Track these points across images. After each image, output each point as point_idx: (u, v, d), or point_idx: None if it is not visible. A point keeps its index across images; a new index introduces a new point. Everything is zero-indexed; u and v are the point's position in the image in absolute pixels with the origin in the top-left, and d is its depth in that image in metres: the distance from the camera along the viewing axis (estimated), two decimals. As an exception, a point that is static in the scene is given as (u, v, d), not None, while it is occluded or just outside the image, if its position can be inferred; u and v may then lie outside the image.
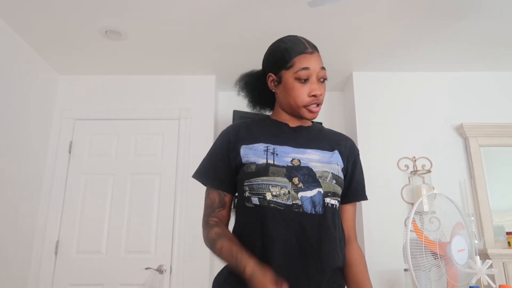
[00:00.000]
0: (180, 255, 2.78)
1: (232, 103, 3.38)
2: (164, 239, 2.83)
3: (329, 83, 3.33)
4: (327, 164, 1.12)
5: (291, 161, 1.10)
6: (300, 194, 1.06)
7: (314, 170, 1.09)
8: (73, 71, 3.14)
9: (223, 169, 1.16)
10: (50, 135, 3.03)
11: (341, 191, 1.14)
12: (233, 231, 1.14)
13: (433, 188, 2.81)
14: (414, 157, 2.94)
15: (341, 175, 1.15)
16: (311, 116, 1.16)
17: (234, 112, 3.08)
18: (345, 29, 2.60)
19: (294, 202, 1.05)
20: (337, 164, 1.15)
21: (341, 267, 1.13)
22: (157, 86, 3.19)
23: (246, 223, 1.11)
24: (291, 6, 2.36)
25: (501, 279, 2.42)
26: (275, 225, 1.04)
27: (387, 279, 2.67)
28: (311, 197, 1.06)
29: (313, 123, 1.27)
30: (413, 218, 1.64)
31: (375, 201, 2.82)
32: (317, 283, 1.03)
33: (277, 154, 1.11)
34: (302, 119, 1.19)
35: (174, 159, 3.00)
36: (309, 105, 1.13)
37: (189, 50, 2.85)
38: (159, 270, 2.75)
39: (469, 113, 3.04)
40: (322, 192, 1.08)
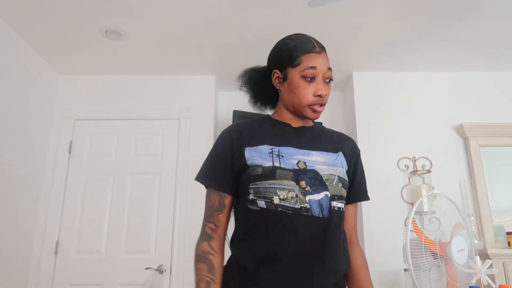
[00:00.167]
0: (180, 255, 2.78)
1: (232, 103, 3.38)
2: (164, 239, 2.83)
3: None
4: (333, 166, 1.11)
5: (297, 163, 1.08)
6: (308, 197, 1.04)
7: (320, 173, 1.08)
8: (73, 71, 3.14)
9: (226, 170, 1.13)
10: (50, 135, 3.03)
11: (346, 193, 1.13)
12: (233, 234, 1.12)
13: (433, 188, 2.81)
14: (414, 157, 2.94)
15: (346, 178, 1.15)
16: (314, 116, 1.14)
17: (234, 112, 3.08)
18: (345, 29, 2.61)
19: (302, 205, 1.04)
20: (342, 166, 1.14)
21: (345, 271, 1.11)
22: (157, 86, 3.19)
23: (249, 226, 1.09)
24: (291, 6, 2.36)
25: (501, 279, 2.42)
26: (281, 228, 1.03)
27: (387, 279, 2.67)
28: (319, 201, 1.05)
29: (314, 123, 1.26)
30: (413, 218, 1.64)
31: (375, 201, 2.82)
32: (320, 286, 1.02)
33: (282, 156, 1.09)
34: (304, 118, 1.18)
35: (174, 159, 3.00)
36: (313, 105, 1.12)
37: (189, 50, 2.85)
38: (159, 270, 2.75)
39: (469, 113, 3.04)
40: (329, 195, 1.07)
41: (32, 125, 2.81)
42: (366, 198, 1.24)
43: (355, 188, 1.21)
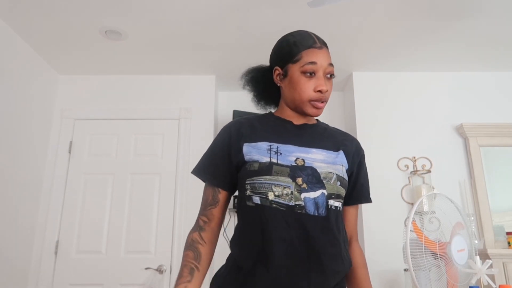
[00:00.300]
0: (180, 255, 2.78)
1: (232, 103, 3.38)
2: (164, 239, 2.83)
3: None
4: (332, 164, 1.09)
5: (295, 160, 1.07)
6: (303, 195, 1.03)
7: (318, 170, 1.06)
8: (73, 71, 3.14)
9: (222, 166, 1.13)
10: (50, 135, 3.03)
11: (344, 192, 1.11)
12: (235, 230, 1.13)
13: (433, 188, 2.81)
14: (414, 157, 2.94)
15: (346, 177, 1.12)
16: (315, 112, 1.13)
17: (234, 112, 3.08)
18: (345, 29, 2.60)
19: (296, 203, 1.02)
20: (342, 165, 1.12)
21: (347, 271, 1.10)
22: (157, 86, 3.19)
23: (246, 222, 1.09)
24: (291, 6, 2.36)
25: (501, 279, 2.42)
26: (276, 225, 1.01)
27: (387, 279, 2.67)
28: (314, 199, 1.03)
29: (318, 121, 1.25)
30: (413, 218, 1.63)
31: (375, 201, 2.81)
32: (318, 286, 1.01)
33: (280, 153, 1.08)
34: (306, 115, 1.16)
35: (174, 159, 3.00)
36: (313, 100, 1.10)
37: (189, 50, 2.85)
38: (159, 270, 2.75)
39: (469, 113, 3.04)
40: (326, 193, 1.05)
41: (32, 125, 2.81)
42: (368, 200, 1.23)
43: (358, 189, 1.19)
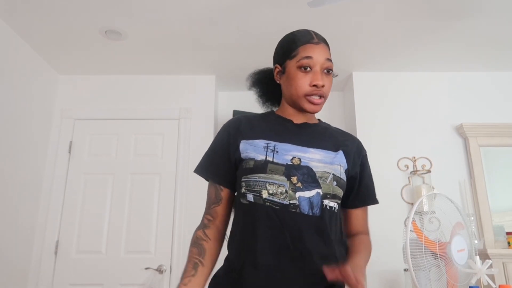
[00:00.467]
0: (180, 255, 2.78)
1: (232, 103, 3.38)
2: (164, 239, 2.83)
3: (329, 83, 3.33)
4: (329, 164, 1.08)
5: (291, 159, 1.06)
6: (298, 194, 1.02)
7: (314, 170, 1.05)
8: (73, 71, 3.14)
9: (222, 163, 1.14)
10: (50, 135, 3.03)
11: (342, 193, 1.10)
12: (231, 229, 1.13)
13: (433, 188, 2.81)
14: (414, 157, 2.94)
15: (343, 177, 1.10)
16: (312, 108, 1.11)
17: (234, 112, 3.08)
18: (345, 29, 2.60)
19: (291, 201, 1.01)
20: (340, 165, 1.10)
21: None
22: (157, 86, 3.19)
23: (239, 220, 1.09)
24: (291, 6, 2.36)
25: (501, 279, 2.41)
26: (268, 224, 1.01)
27: (387, 279, 2.67)
28: (309, 198, 1.02)
29: (320, 121, 1.24)
30: (413, 218, 1.64)
31: (375, 201, 2.82)
32: (311, 287, 0.99)
33: (277, 151, 1.07)
34: (304, 112, 1.15)
35: (174, 159, 3.00)
36: (309, 95, 1.10)
37: (189, 50, 2.85)
38: (159, 270, 2.75)
39: (469, 113, 3.04)
40: (321, 193, 1.03)
41: (32, 125, 2.81)
42: (374, 202, 1.21)
43: (363, 191, 1.18)
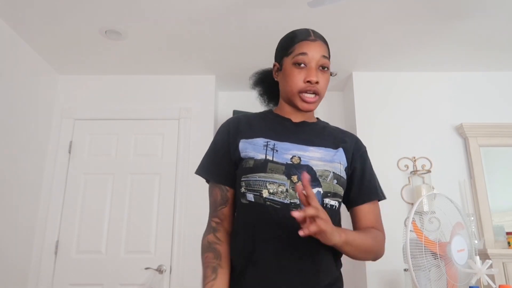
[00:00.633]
0: (180, 255, 2.78)
1: (232, 103, 3.38)
2: (164, 239, 2.83)
3: (329, 83, 3.33)
4: (329, 162, 1.07)
5: (291, 158, 1.06)
6: None
7: (314, 168, 1.05)
8: (73, 71, 3.14)
9: (224, 163, 1.12)
10: (50, 135, 3.03)
11: (342, 191, 1.09)
12: (233, 227, 1.12)
13: (433, 188, 2.81)
14: (414, 157, 2.94)
15: (344, 175, 1.10)
16: (305, 106, 1.11)
17: (234, 112, 3.08)
18: (345, 29, 2.60)
19: (292, 200, 1.01)
20: (340, 163, 1.10)
21: (337, 273, 1.08)
22: (157, 86, 3.19)
23: (240, 220, 1.08)
24: (291, 6, 2.36)
25: (501, 279, 2.42)
26: (269, 223, 1.00)
27: (387, 279, 2.67)
28: None
29: (318, 120, 1.24)
30: (413, 218, 1.64)
31: (375, 201, 2.82)
32: (311, 286, 0.99)
33: (277, 150, 1.07)
34: (299, 110, 1.15)
35: (174, 159, 3.00)
36: (303, 92, 1.09)
37: (189, 50, 2.85)
38: (159, 270, 2.75)
39: (469, 113, 3.04)
40: (321, 192, 1.03)
41: (32, 125, 2.81)
42: (378, 197, 1.16)
43: (366, 187, 1.15)
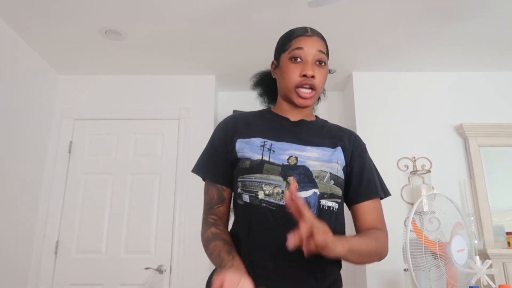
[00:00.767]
0: (180, 255, 2.78)
1: (232, 103, 3.38)
2: (164, 239, 2.83)
3: (329, 83, 3.32)
4: (326, 163, 1.06)
5: (288, 159, 1.05)
6: None
7: (310, 169, 1.04)
8: (73, 71, 3.14)
9: (221, 163, 1.11)
10: (50, 135, 3.03)
11: (340, 191, 1.08)
12: (231, 228, 1.11)
13: (433, 188, 2.81)
14: (413, 157, 2.94)
15: (341, 175, 1.09)
16: (301, 102, 1.09)
17: (234, 112, 3.08)
18: (345, 29, 2.60)
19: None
20: (338, 162, 1.09)
21: (337, 274, 1.07)
22: (157, 86, 3.19)
23: (237, 220, 1.08)
24: (291, 6, 2.36)
25: (500, 279, 2.42)
26: (265, 225, 1.00)
27: (387, 279, 2.67)
28: (306, 198, 1.01)
29: (317, 118, 1.23)
30: (413, 218, 1.64)
31: (375, 201, 2.82)
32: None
33: (273, 150, 1.06)
34: (298, 107, 1.14)
35: (174, 159, 3.00)
36: (300, 87, 1.08)
37: (189, 50, 2.85)
38: (159, 270, 2.75)
39: (468, 113, 3.04)
40: (318, 193, 1.02)
41: (32, 125, 2.81)
42: (380, 194, 1.13)
43: (365, 185, 1.13)
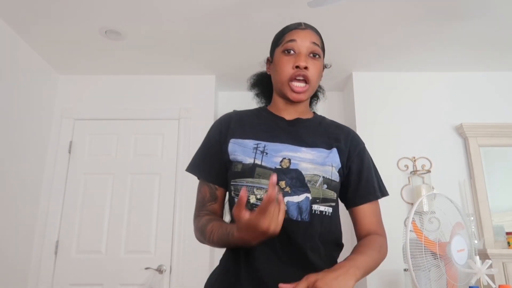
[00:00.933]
0: (180, 255, 2.78)
1: (232, 103, 3.37)
2: (164, 239, 2.83)
3: (328, 83, 3.33)
4: (320, 166, 1.04)
5: (281, 162, 1.03)
6: (286, 199, 0.98)
7: (303, 173, 1.01)
8: (73, 71, 3.14)
9: (215, 162, 1.10)
10: (50, 135, 3.03)
11: (335, 195, 1.06)
12: None
13: (433, 188, 2.81)
14: (413, 157, 2.94)
15: (336, 178, 1.06)
16: (294, 96, 1.07)
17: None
18: (345, 29, 2.60)
19: None
20: (332, 165, 1.06)
21: None
22: (157, 86, 3.19)
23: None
24: (291, 6, 2.36)
25: (500, 279, 2.41)
26: None
27: (387, 279, 2.67)
28: (298, 203, 0.99)
29: (314, 115, 1.20)
30: (413, 218, 1.63)
31: (375, 201, 2.82)
32: None
33: (266, 153, 1.04)
34: (293, 103, 1.12)
35: (174, 159, 3.00)
36: (293, 79, 1.06)
37: (189, 50, 2.85)
38: (159, 270, 2.75)
39: (468, 113, 3.04)
40: (310, 198, 1.00)
41: (32, 125, 2.81)
42: (377, 196, 1.12)
43: (364, 187, 1.11)
